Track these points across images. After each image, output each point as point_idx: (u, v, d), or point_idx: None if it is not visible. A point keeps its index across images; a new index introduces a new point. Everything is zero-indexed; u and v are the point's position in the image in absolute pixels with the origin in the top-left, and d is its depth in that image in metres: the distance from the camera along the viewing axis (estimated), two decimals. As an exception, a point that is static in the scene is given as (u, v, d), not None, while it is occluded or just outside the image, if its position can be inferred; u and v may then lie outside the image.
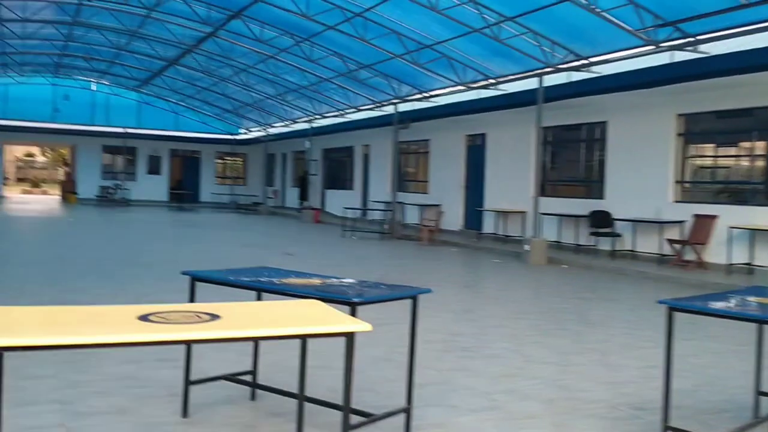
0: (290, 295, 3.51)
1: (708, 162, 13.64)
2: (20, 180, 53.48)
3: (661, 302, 3.75)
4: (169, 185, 35.85)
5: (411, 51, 16.33)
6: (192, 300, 3.99)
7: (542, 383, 5.14)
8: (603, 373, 5.52)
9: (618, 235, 14.03)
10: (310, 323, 2.67)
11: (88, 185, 33.41)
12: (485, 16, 13.12)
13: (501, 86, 16.61)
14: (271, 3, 16.07)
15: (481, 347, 6.20)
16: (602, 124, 15.14)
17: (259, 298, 3.95)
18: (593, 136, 15.60)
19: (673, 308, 3.73)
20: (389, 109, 21.08)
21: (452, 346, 6.19)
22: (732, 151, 13.29)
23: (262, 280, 3.88)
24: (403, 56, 16.73)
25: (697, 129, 13.33)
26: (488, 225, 18.33)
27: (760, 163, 12.17)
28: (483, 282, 11.90)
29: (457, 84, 17.29)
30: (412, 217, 21.19)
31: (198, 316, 2.61)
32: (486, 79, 16.52)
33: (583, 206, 15.18)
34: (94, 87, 33.41)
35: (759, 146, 12.18)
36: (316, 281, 3.85)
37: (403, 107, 20.50)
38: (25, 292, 8.19)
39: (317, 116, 26.21)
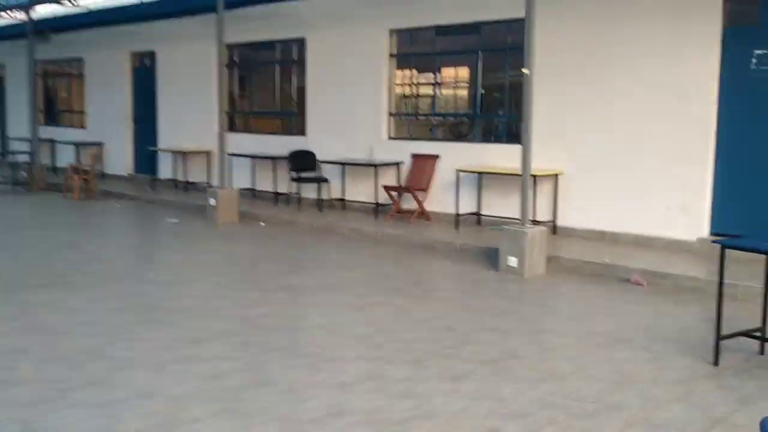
0: None
1: (425, 90, 11.45)
2: None
3: None
4: None
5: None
6: None
7: None
8: None
9: (324, 181, 11.39)
10: None
11: None
12: None
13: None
14: None
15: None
16: (300, 42, 12.16)
17: None
18: (290, 57, 12.56)
19: None
20: (22, 16, 15.64)
21: None
22: (452, 76, 11.25)
23: None
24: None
25: (411, 50, 11.02)
26: (165, 169, 14.52)
27: (485, 92, 10.25)
28: (146, 266, 8.30)
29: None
30: (68, 159, 16.33)
31: None
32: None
33: (282, 145, 12.23)
34: None
35: (481, 71, 10.19)
36: None
37: (42, 11, 15.31)
38: None
39: None
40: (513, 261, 7.35)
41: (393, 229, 9.45)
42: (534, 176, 8.11)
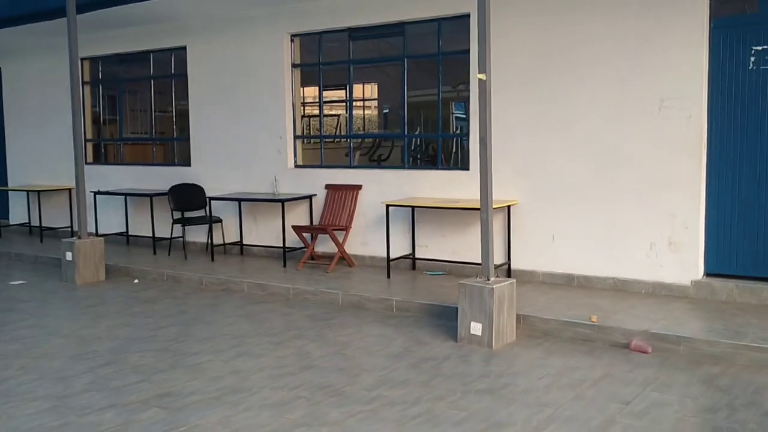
0: None
1: (338, 107, 9.49)
2: None
3: None
4: None
5: None
6: None
7: None
8: None
9: (216, 221, 9.21)
10: None
11: None
12: None
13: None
14: None
15: None
16: (181, 52, 9.96)
17: None
18: (168, 71, 10.31)
19: None
20: None
21: None
22: (370, 89, 9.36)
23: None
24: None
25: (319, 59, 9.07)
26: (18, 212, 11.84)
27: (414, 107, 8.44)
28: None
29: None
30: None
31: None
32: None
33: (161, 178, 9.95)
34: None
35: (407, 82, 8.35)
36: None
37: None
38: None
39: None
40: (477, 328, 5.51)
41: (308, 282, 7.42)
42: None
